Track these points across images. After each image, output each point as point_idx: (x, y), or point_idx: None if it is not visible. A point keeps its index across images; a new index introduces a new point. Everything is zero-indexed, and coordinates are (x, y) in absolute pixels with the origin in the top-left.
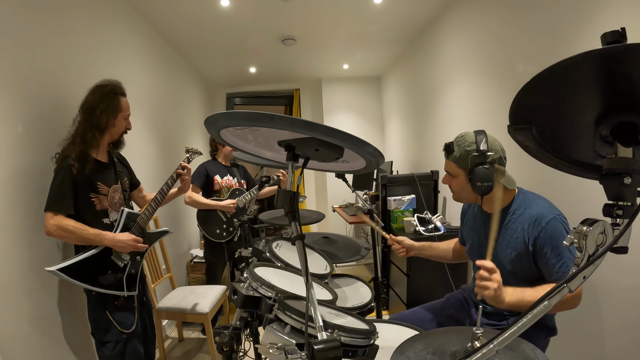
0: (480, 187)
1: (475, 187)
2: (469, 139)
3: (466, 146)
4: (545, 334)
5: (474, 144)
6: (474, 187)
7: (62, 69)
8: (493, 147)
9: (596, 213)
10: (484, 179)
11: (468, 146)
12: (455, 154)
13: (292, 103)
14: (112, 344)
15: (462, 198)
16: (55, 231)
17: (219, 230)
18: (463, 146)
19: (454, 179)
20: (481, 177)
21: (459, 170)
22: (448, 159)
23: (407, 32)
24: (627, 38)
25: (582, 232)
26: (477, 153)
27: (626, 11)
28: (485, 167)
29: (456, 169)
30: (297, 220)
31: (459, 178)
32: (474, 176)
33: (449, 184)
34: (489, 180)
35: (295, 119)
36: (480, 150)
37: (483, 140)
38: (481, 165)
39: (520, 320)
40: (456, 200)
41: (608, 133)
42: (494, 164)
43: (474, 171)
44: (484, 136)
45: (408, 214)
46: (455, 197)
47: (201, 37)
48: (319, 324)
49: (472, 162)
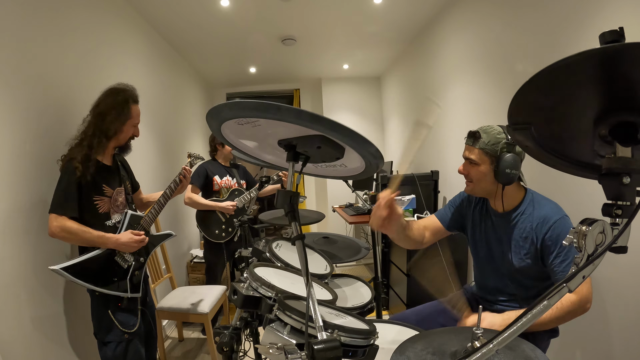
0: (508, 174)
1: (502, 175)
2: (497, 128)
3: (496, 134)
4: (548, 336)
5: (502, 133)
6: (500, 175)
7: (63, 69)
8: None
9: (595, 213)
10: (513, 167)
11: (498, 134)
12: (484, 139)
13: (292, 103)
14: (113, 344)
15: (480, 189)
16: (59, 233)
17: (218, 231)
18: (493, 133)
19: (474, 167)
20: (510, 164)
21: (484, 158)
22: (473, 145)
23: (407, 32)
24: (626, 37)
25: (581, 232)
26: (508, 140)
27: (625, 11)
28: (514, 155)
29: (482, 156)
30: (297, 220)
31: (482, 166)
32: (502, 163)
33: (466, 173)
34: (516, 168)
35: (302, 110)
36: (510, 139)
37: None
38: (510, 153)
39: (519, 320)
40: (470, 192)
41: (607, 132)
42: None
43: (502, 158)
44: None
45: (408, 214)
46: (471, 187)
47: (201, 37)
48: (319, 324)
49: (502, 149)
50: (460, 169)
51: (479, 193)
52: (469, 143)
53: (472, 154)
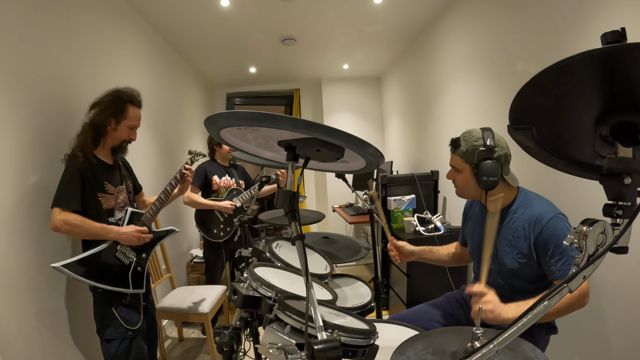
0: (485, 181)
1: (481, 182)
2: (476, 134)
3: (473, 141)
4: (545, 331)
5: (480, 140)
6: (479, 182)
7: (63, 70)
8: (499, 144)
9: (596, 213)
10: (490, 174)
11: (475, 141)
12: (462, 148)
13: (292, 103)
14: (117, 341)
15: (466, 194)
16: (62, 226)
17: (217, 230)
18: (470, 141)
19: (458, 174)
20: (487, 172)
21: (464, 165)
22: (454, 153)
23: (407, 32)
24: (627, 38)
25: (582, 232)
26: (484, 148)
27: (626, 11)
28: (491, 162)
29: (462, 164)
30: (297, 220)
31: (464, 173)
32: (479, 171)
33: (453, 179)
34: (494, 175)
35: (298, 119)
36: (487, 146)
37: (490, 137)
38: (487, 160)
39: (520, 320)
40: (459, 195)
41: (608, 133)
42: (499, 160)
43: (480, 166)
44: (491, 133)
45: (408, 214)
46: (458, 192)
47: (201, 37)
48: (319, 324)
49: (479, 156)
50: (448, 175)
51: (466, 197)
52: (451, 150)
53: (454, 162)
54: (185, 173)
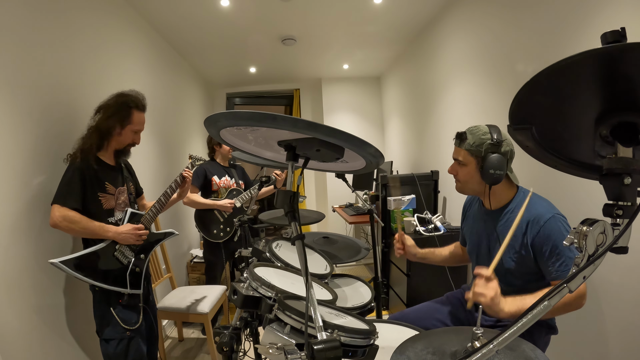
0: (492, 175)
1: (487, 176)
2: (483, 129)
3: (481, 134)
4: (545, 331)
5: (488, 134)
6: (485, 176)
7: (64, 70)
8: (507, 139)
9: (596, 213)
10: (497, 167)
11: (483, 135)
12: (469, 141)
13: (292, 103)
14: (115, 341)
15: (468, 189)
16: (61, 222)
17: (216, 230)
18: (478, 134)
19: (462, 168)
20: (494, 165)
21: (470, 158)
22: (459, 146)
23: (407, 32)
24: (627, 38)
25: (582, 232)
26: (493, 141)
27: (626, 11)
28: (499, 156)
29: (467, 157)
30: (297, 220)
31: (469, 167)
32: (486, 164)
33: (455, 174)
34: (501, 168)
35: (298, 119)
36: (495, 139)
37: (497, 132)
38: (495, 153)
39: (520, 321)
40: (460, 191)
41: (608, 133)
42: (506, 155)
43: (487, 159)
44: (497, 128)
45: (408, 214)
46: (459, 187)
47: (201, 37)
48: (319, 324)
49: (487, 150)
50: (450, 169)
51: (467, 192)
52: (456, 144)
53: (459, 155)
54: (186, 176)
